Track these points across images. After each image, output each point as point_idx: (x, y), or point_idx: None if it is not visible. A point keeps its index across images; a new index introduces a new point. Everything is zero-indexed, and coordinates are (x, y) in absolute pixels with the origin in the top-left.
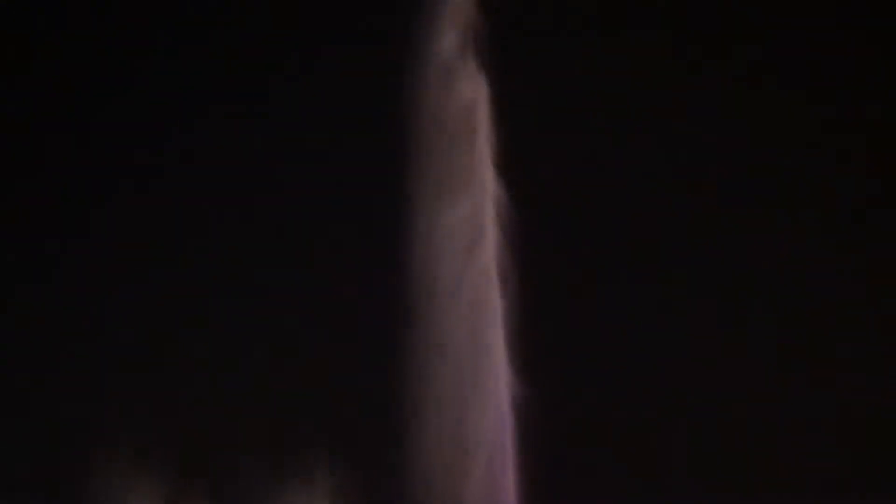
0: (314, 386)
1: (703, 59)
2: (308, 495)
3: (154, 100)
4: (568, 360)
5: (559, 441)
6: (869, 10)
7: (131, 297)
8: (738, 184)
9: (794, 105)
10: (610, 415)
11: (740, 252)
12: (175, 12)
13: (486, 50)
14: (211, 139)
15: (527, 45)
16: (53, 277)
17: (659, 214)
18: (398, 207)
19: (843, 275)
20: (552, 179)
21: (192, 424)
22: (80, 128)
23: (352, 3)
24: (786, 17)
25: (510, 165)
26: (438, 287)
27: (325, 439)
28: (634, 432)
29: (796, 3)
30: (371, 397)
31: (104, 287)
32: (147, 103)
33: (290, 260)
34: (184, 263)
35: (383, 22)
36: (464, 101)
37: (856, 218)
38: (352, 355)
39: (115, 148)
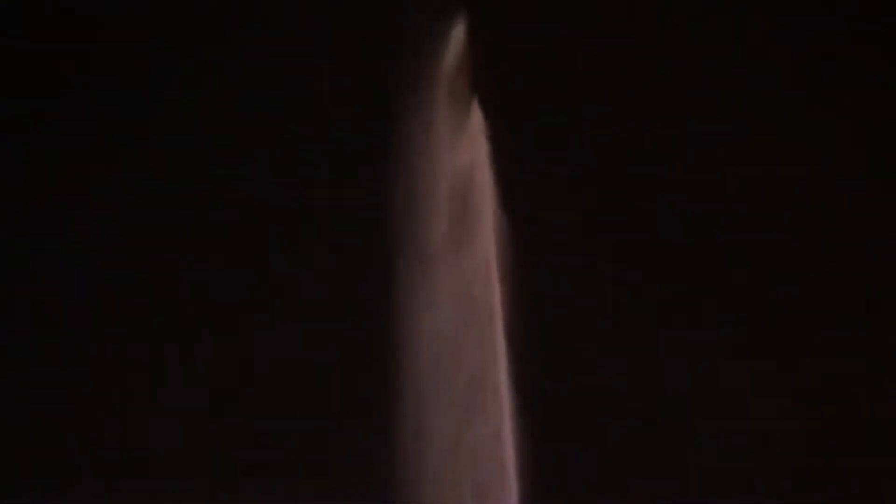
0: (307, 385)
1: (705, 102)
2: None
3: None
4: (570, 399)
5: (561, 450)
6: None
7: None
8: (738, 194)
9: (793, 109)
10: (612, 428)
11: (744, 262)
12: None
13: (487, 96)
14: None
15: (527, 88)
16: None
17: (665, 252)
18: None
19: (845, 280)
20: (556, 222)
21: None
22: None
23: (350, 54)
24: (782, 20)
25: (514, 213)
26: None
27: (317, 440)
28: (637, 440)
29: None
30: (366, 404)
31: (94, 284)
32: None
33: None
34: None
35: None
36: (464, 159)
37: (856, 222)
38: (349, 363)
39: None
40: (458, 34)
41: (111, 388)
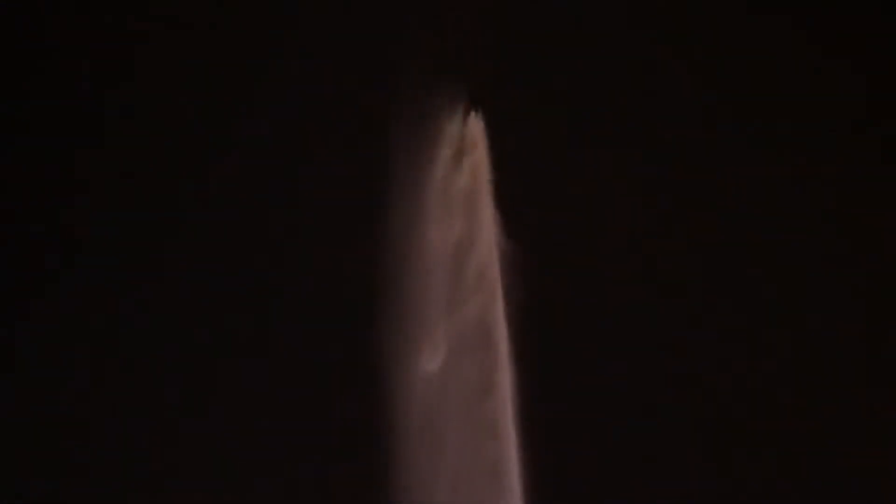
0: (311, 392)
1: (703, 105)
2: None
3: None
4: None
5: (563, 457)
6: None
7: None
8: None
9: (793, 109)
10: (614, 433)
11: (745, 262)
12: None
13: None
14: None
15: (530, 99)
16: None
17: (669, 267)
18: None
19: (844, 277)
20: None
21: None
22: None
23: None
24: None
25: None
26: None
27: (318, 449)
28: (643, 448)
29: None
30: (368, 416)
31: (93, 284)
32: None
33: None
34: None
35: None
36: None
37: (856, 221)
38: (350, 372)
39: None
40: (455, 126)
41: (111, 388)
